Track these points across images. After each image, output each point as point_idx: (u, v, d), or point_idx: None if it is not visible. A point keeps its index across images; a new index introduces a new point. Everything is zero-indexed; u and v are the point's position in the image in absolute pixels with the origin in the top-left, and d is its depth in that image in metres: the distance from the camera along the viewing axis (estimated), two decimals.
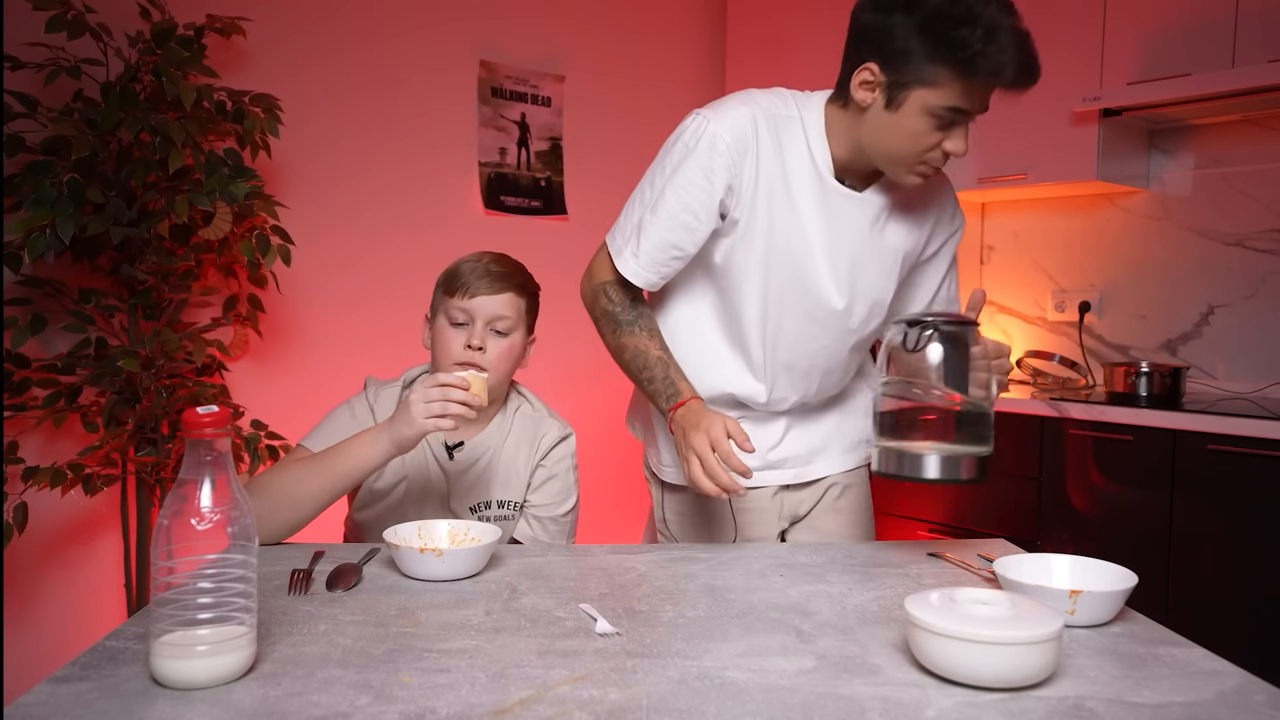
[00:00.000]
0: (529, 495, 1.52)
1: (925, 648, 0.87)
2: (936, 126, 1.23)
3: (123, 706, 0.79)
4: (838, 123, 1.33)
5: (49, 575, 2.26)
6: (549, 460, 1.53)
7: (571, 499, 1.54)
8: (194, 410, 0.84)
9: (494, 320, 1.45)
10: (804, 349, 1.42)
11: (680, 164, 1.34)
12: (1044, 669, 0.85)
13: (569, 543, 1.54)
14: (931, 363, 1.14)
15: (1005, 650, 0.82)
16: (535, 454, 1.53)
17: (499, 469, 1.50)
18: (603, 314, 1.47)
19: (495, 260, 1.49)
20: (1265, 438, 2.17)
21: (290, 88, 2.52)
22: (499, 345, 1.46)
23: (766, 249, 1.36)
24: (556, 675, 0.86)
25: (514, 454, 1.51)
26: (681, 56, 3.52)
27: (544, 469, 1.53)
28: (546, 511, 1.52)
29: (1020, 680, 0.84)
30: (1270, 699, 0.84)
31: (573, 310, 3.24)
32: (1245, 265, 2.73)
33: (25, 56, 2.04)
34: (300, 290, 2.61)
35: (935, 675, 0.87)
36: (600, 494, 3.26)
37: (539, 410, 1.58)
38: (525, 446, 1.52)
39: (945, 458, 1.14)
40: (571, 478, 1.55)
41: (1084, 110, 2.70)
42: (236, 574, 0.85)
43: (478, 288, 1.44)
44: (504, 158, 3.07)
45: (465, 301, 1.44)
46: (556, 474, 1.53)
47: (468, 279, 1.44)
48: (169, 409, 2.11)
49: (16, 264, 1.96)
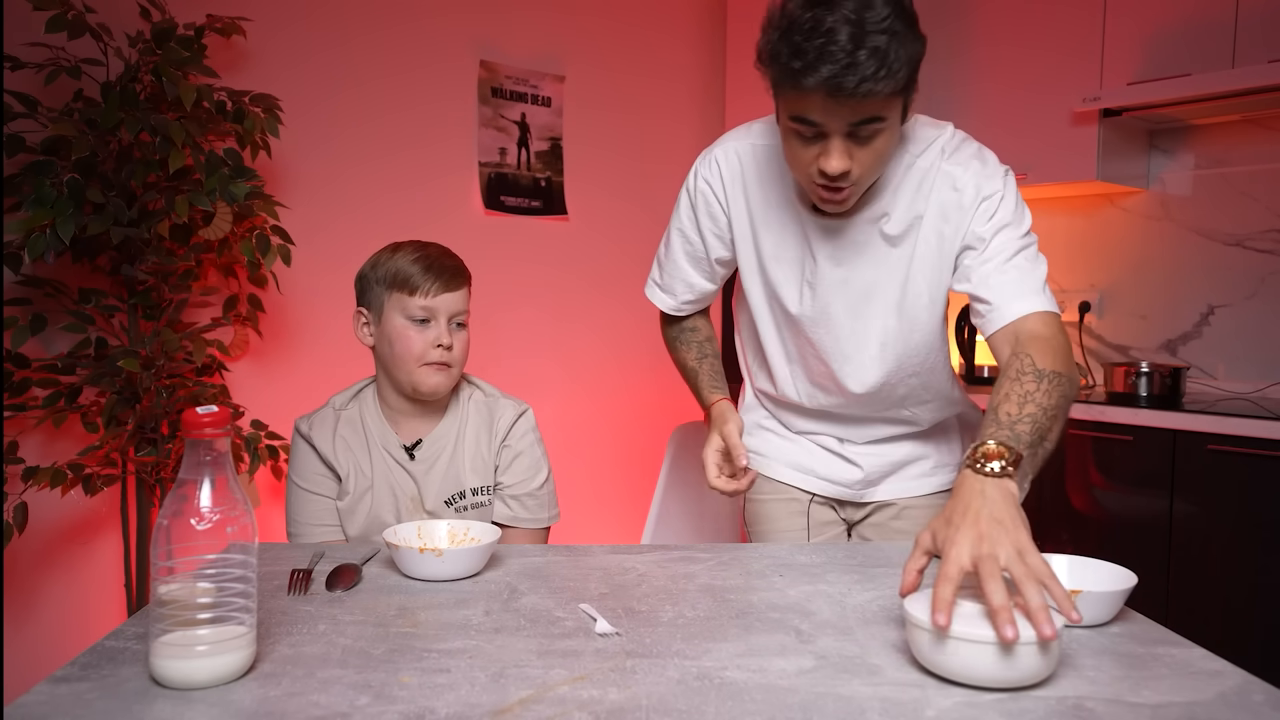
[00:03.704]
0: (500, 477, 1.53)
1: (925, 648, 0.87)
2: (801, 142, 1.19)
3: (122, 706, 0.79)
4: None
5: (49, 575, 2.26)
6: (511, 439, 1.54)
7: (543, 471, 1.56)
8: (194, 410, 0.84)
9: (455, 315, 1.47)
10: (820, 374, 1.44)
11: (678, 205, 1.49)
12: (1044, 669, 0.84)
13: (552, 514, 1.57)
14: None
15: (1005, 650, 0.82)
16: (495, 437, 1.54)
17: (464, 458, 1.51)
18: (664, 336, 1.63)
19: (442, 253, 1.49)
20: (1265, 438, 2.17)
21: (290, 87, 2.52)
22: (461, 339, 1.48)
23: (763, 280, 1.42)
24: (556, 675, 0.86)
25: (475, 440, 1.52)
26: (682, 56, 3.52)
27: (509, 448, 1.54)
28: (522, 488, 1.53)
29: (1020, 681, 0.84)
30: (1270, 699, 0.84)
31: (575, 310, 3.26)
32: (1245, 265, 2.73)
33: (25, 56, 2.04)
34: (300, 290, 2.61)
35: (935, 676, 0.87)
36: (601, 494, 3.26)
37: (491, 394, 1.58)
38: (484, 432, 1.53)
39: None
40: (539, 450, 1.57)
41: (1084, 110, 2.70)
42: (236, 574, 0.85)
43: (439, 285, 1.45)
44: (504, 158, 3.07)
45: (429, 300, 1.44)
46: (522, 450, 1.54)
47: (426, 275, 1.44)
48: (169, 409, 2.11)
49: (16, 264, 1.96)
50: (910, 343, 1.38)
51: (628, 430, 3.34)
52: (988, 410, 1.10)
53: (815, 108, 1.14)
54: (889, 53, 1.09)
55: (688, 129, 3.51)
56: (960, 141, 1.33)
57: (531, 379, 3.07)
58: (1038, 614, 0.83)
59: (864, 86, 1.09)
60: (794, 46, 1.11)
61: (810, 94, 1.12)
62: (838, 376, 1.41)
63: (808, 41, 1.09)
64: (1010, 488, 0.97)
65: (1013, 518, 0.94)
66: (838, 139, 1.16)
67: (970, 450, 1.02)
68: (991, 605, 0.84)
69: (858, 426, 1.50)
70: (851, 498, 1.54)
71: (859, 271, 1.34)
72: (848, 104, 1.12)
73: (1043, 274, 1.27)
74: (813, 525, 1.56)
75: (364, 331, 1.51)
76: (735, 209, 1.42)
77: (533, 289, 3.13)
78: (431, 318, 1.45)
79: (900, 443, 1.51)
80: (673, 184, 1.52)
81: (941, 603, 0.85)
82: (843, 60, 1.08)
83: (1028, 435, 1.04)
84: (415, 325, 1.44)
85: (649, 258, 1.58)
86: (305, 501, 1.47)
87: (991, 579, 0.86)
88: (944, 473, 1.54)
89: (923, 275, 1.33)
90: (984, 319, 1.27)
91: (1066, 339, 1.21)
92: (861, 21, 1.08)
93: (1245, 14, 2.43)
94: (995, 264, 1.26)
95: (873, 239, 1.33)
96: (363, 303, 1.50)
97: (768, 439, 1.59)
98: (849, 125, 1.15)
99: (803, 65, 1.10)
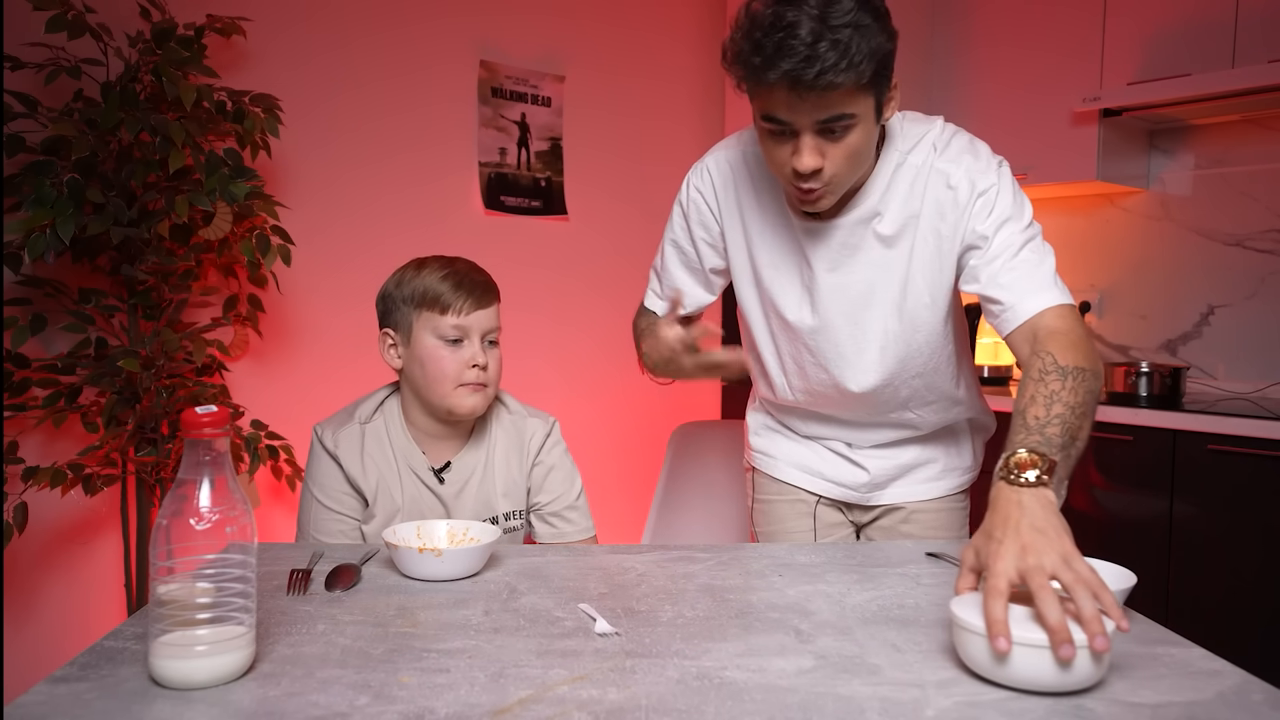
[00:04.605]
0: (535, 497, 1.50)
1: (979, 655, 0.84)
2: (774, 141, 1.19)
3: (121, 707, 0.78)
4: None
5: (49, 575, 2.26)
6: (543, 455, 1.51)
7: (577, 481, 1.53)
8: (193, 410, 0.84)
9: (488, 333, 1.43)
10: (819, 380, 1.43)
11: (671, 217, 1.49)
12: (1097, 674, 0.84)
13: (591, 524, 1.53)
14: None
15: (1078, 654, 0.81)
16: (527, 457, 1.50)
17: (495, 481, 1.47)
18: (635, 330, 1.53)
19: (471, 269, 1.44)
20: (1265, 438, 2.17)
21: (290, 87, 2.52)
22: (495, 358, 1.44)
23: (758, 289, 1.42)
24: (556, 675, 0.86)
25: (505, 462, 1.48)
26: (682, 56, 3.52)
27: (541, 466, 1.51)
28: (561, 503, 1.50)
29: (1075, 686, 0.83)
30: (1269, 699, 0.83)
31: (574, 310, 3.26)
32: (1245, 265, 2.73)
33: (25, 56, 2.04)
34: (300, 290, 2.61)
35: (934, 677, 0.87)
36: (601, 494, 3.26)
37: (517, 411, 1.53)
38: (515, 453, 1.49)
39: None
40: (568, 461, 1.54)
41: (1084, 110, 2.70)
42: (235, 574, 0.85)
43: (471, 302, 1.40)
44: (504, 158, 3.07)
45: (463, 318, 1.39)
46: (554, 464, 1.51)
47: (458, 293, 1.39)
48: (169, 409, 2.11)
49: (16, 264, 1.96)
50: (913, 344, 1.37)
51: (628, 430, 3.34)
52: (1014, 414, 1.08)
53: (780, 104, 1.13)
54: (850, 45, 1.08)
55: (687, 130, 3.51)
56: (951, 135, 1.31)
57: (531, 378, 3.07)
58: (1091, 622, 0.82)
59: (824, 79, 1.08)
60: (755, 43, 1.11)
61: (774, 89, 1.12)
62: (837, 380, 1.40)
63: (768, 37, 1.09)
64: (1048, 496, 0.95)
65: (1055, 526, 0.91)
66: (808, 136, 1.15)
67: (1002, 461, 0.99)
68: (1048, 623, 0.82)
69: (862, 430, 1.49)
70: (858, 500, 1.53)
71: (855, 274, 1.34)
72: (809, 98, 1.11)
73: (1051, 265, 1.26)
74: (820, 527, 1.55)
75: (391, 354, 1.44)
76: (728, 218, 1.41)
77: (533, 289, 3.13)
78: (465, 337, 1.39)
79: (907, 446, 1.50)
80: (672, 185, 1.52)
81: (997, 625, 0.83)
82: (802, 53, 1.07)
83: (1058, 438, 1.02)
84: (448, 345, 1.39)
85: (649, 257, 1.58)
86: (327, 519, 1.41)
87: (1042, 591, 0.84)
88: (952, 477, 1.53)
89: (923, 276, 1.32)
90: (998, 319, 1.25)
91: (1085, 330, 1.19)
92: (824, 16, 1.08)
93: (1245, 14, 2.43)
94: (1002, 261, 1.25)
95: (866, 240, 1.32)
96: (388, 324, 1.44)
97: (775, 440, 1.58)
98: (817, 122, 1.14)
99: (762, 60, 1.10)
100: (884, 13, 1.14)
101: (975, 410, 1.54)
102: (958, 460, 1.54)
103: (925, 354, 1.38)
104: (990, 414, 1.58)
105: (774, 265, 1.39)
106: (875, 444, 1.50)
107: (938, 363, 1.40)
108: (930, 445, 1.52)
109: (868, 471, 1.50)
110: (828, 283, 1.35)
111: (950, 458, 1.53)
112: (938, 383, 1.43)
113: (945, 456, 1.53)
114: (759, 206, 1.38)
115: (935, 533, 1.52)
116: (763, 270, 1.40)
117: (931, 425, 1.49)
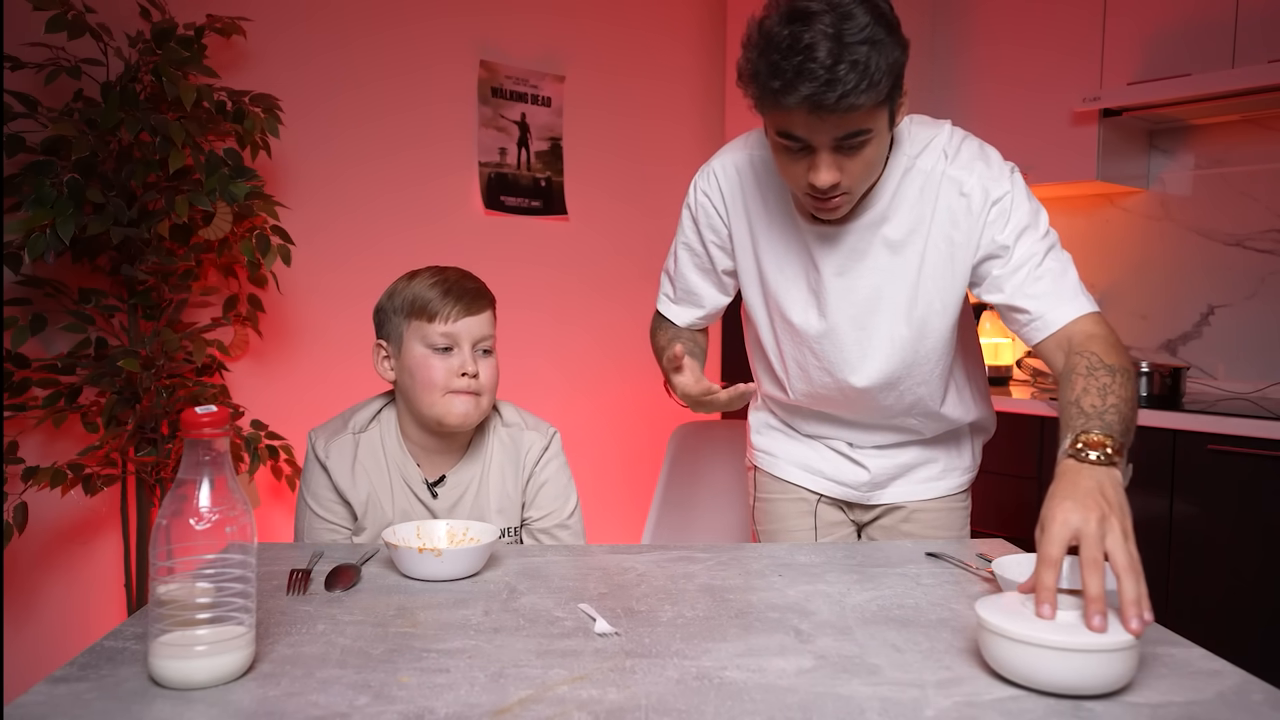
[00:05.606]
0: (528, 511, 1.48)
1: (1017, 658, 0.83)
2: (789, 156, 1.19)
3: (121, 707, 0.79)
4: None
5: (49, 575, 2.26)
6: (539, 470, 1.48)
7: (572, 498, 1.50)
8: (193, 410, 0.84)
9: (480, 341, 1.40)
10: (822, 383, 1.43)
11: (681, 222, 1.50)
12: (1132, 673, 0.84)
13: (582, 542, 1.51)
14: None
15: (1111, 657, 0.81)
16: (522, 472, 1.47)
17: (489, 498, 1.44)
18: (655, 346, 1.57)
19: (461, 276, 1.42)
20: (1265, 438, 2.17)
21: (290, 87, 2.52)
22: (488, 366, 1.41)
23: (764, 292, 1.42)
24: (555, 675, 0.86)
25: (501, 479, 1.46)
26: (682, 56, 3.52)
27: (535, 480, 1.48)
28: (552, 520, 1.47)
29: (1114, 686, 0.82)
30: (1269, 699, 0.84)
31: (574, 309, 3.26)
32: (1245, 265, 2.73)
33: (25, 56, 2.04)
34: (300, 290, 2.61)
35: (932, 679, 0.87)
36: (601, 494, 3.26)
37: (514, 424, 1.50)
38: (510, 468, 1.47)
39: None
40: (565, 476, 1.50)
41: (1084, 110, 2.70)
42: (235, 574, 0.85)
43: (460, 309, 1.38)
44: (504, 158, 3.07)
45: (450, 326, 1.37)
46: (548, 478, 1.48)
47: (445, 299, 1.37)
48: (169, 409, 2.11)
49: (16, 264, 1.96)
50: (920, 350, 1.37)
51: (627, 430, 3.34)
52: (1065, 406, 1.08)
53: (799, 124, 1.13)
54: (869, 64, 1.07)
55: (687, 130, 3.51)
56: (961, 141, 1.31)
57: (531, 378, 3.07)
58: (1130, 606, 0.82)
59: (845, 101, 1.07)
60: (772, 65, 1.09)
61: (793, 111, 1.11)
62: (841, 383, 1.41)
63: (785, 60, 1.08)
64: (1116, 475, 0.96)
65: (1121, 503, 0.92)
66: (825, 153, 1.15)
67: (1069, 440, 1.00)
68: (1089, 592, 0.83)
69: (863, 430, 1.49)
70: (859, 499, 1.53)
71: (863, 279, 1.34)
72: (830, 119, 1.10)
73: (1075, 272, 1.26)
74: (820, 525, 1.55)
75: (384, 365, 1.43)
76: (736, 222, 1.41)
77: (532, 288, 3.13)
78: (454, 344, 1.37)
79: (908, 446, 1.51)
80: (672, 185, 1.52)
81: (1045, 591, 0.83)
82: (822, 77, 1.06)
83: (1118, 425, 1.02)
84: (437, 353, 1.37)
85: (649, 257, 1.58)
86: (319, 526, 1.41)
87: (1092, 565, 0.85)
88: (953, 476, 1.54)
89: (934, 282, 1.32)
90: (1026, 328, 1.25)
91: (1118, 335, 1.20)
92: (840, 35, 1.06)
93: (1245, 14, 2.43)
94: (1026, 272, 1.25)
95: (874, 245, 1.32)
96: (381, 335, 1.43)
97: (776, 438, 1.59)
98: (835, 139, 1.14)
99: (782, 85, 1.09)
100: (895, 24, 1.13)
101: (980, 413, 1.54)
102: (958, 460, 1.54)
103: (933, 360, 1.38)
104: (992, 416, 1.58)
105: (780, 269, 1.39)
106: (876, 444, 1.50)
107: (945, 369, 1.41)
108: (931, 446, 1.52)
109: (868, 471, 1.50)
110: (835, 287, 1.35)
111: (951, 458, 1.54)
112: (943, 389, 1.43)
113: (946, 456, 1.53)
114: (766, 210, 1.38)
115: (936, 532, 1.53)
116: (769, 273, 1.40)
117: (934, 431, 1.49)
